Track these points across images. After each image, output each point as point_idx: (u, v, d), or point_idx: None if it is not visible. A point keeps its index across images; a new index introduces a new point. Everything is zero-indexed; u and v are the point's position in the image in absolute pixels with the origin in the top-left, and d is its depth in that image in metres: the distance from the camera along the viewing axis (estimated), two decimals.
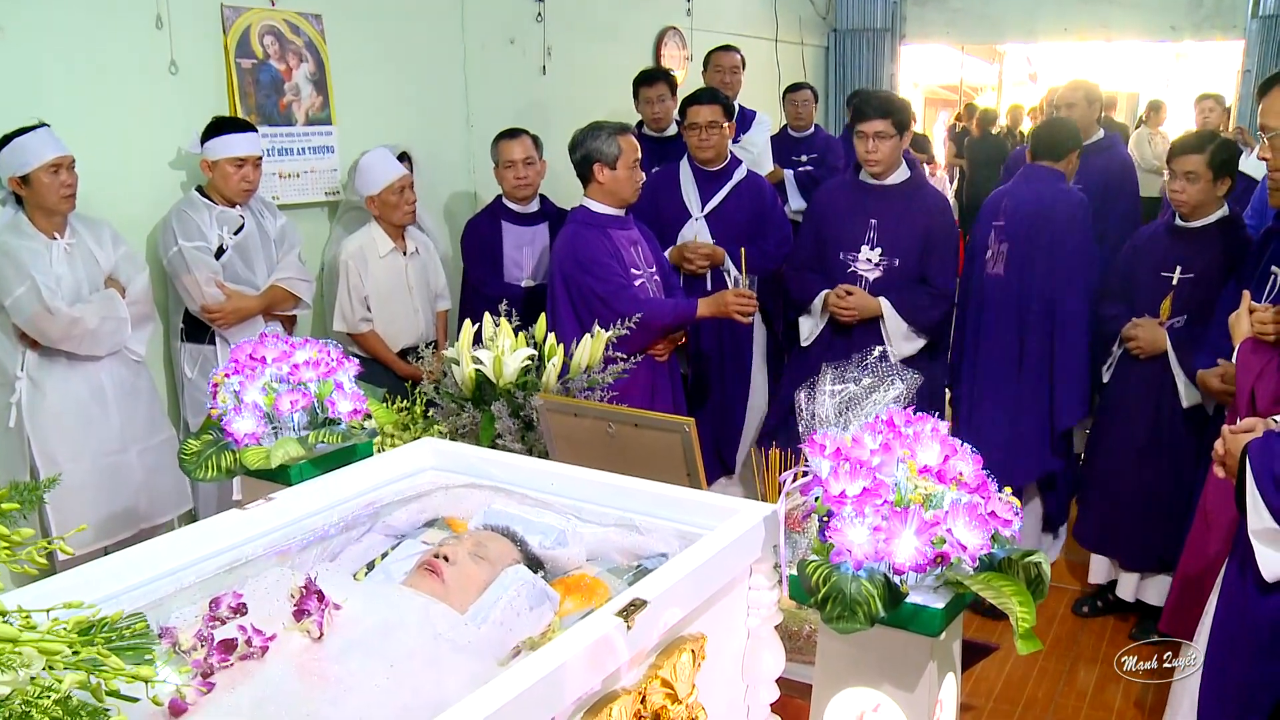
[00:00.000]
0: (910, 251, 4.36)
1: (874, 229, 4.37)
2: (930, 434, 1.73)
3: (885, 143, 4.27)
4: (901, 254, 4.36)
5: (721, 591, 1.80)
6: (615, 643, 1.51)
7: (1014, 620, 1.60)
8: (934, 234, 4.39)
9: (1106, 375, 4.36)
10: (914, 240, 4.36)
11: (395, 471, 2.29)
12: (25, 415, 3.76)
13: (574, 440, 2.70)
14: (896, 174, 4.41)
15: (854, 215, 4.42)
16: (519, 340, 2.98)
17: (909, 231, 4.36)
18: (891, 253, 4.36)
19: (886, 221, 4.37)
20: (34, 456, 3.77)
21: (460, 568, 1.88)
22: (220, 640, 1.59)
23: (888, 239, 4.36)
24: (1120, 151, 6.01)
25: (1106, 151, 5.89)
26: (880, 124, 4.24)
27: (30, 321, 3.65)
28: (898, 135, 4.28)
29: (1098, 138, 5.92)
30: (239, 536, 1.95)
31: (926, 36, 10.66)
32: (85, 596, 1.42)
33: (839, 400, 1.89)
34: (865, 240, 4.39)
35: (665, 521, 2.01)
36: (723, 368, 4.95)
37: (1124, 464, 4.28)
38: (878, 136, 4.26)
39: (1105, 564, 4.51)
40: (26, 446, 3.76)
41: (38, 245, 3.70)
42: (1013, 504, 1.67)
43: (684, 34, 7.95)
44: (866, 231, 4.38)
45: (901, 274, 4.37)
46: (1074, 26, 9.89)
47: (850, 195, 4.50)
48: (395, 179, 4.60)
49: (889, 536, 1.61)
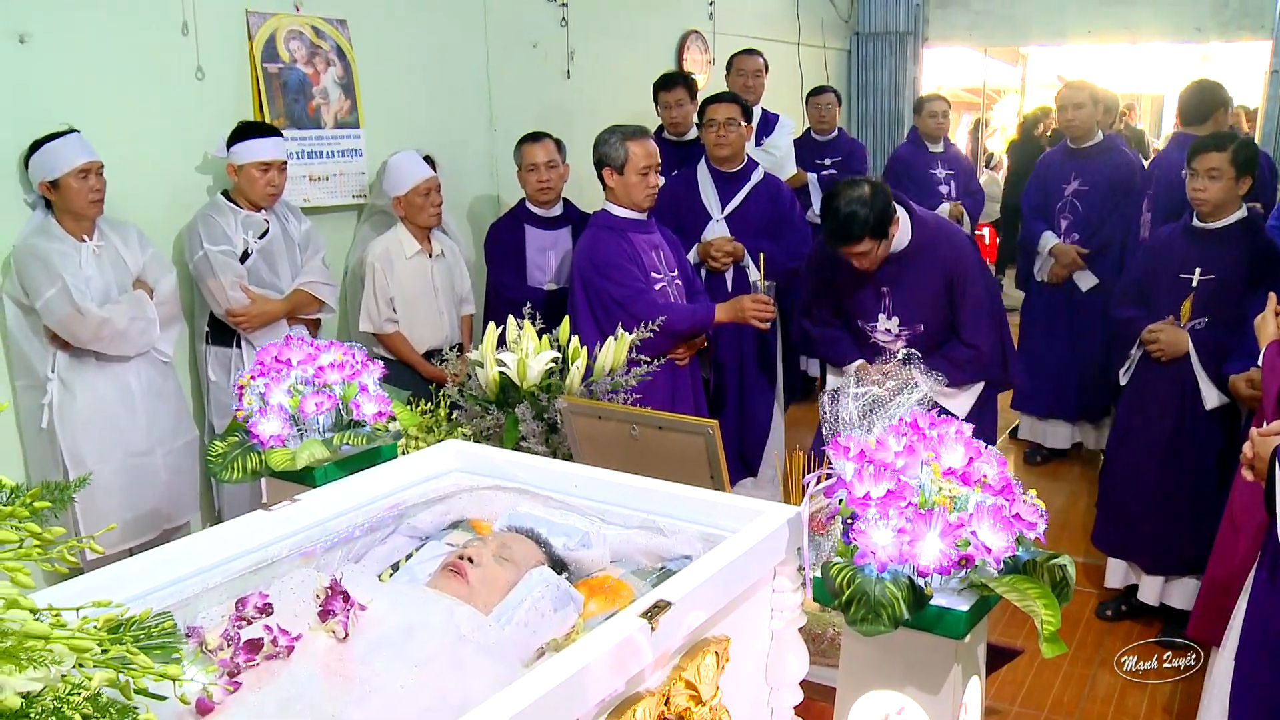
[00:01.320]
0: (932, 316, 3.91)
1: (888, 298, 3.93)
2: (954, 436, 1.72)
3: (876, 252, 3.76)
4: (925, 319, 3.91)
5: (745, 594, 1.81)
6: (639, 645, 1.51)
7: (1039, 623, 1.59)
8: (955, 286, 3.87)
9: (1124, 378, 4.34)
10: (933, 301, 3.90)
11: (420, 473, 2.30)
12: (56, 417, 3.78)
13: (598, 442, 2.70)
14: (898, 241, 3.85)
15: (864, 286, 3.96)
16: (543, 343, 2.98)
17: (928, 294, 3.89)
18: (913, 320, 3.92)
19: (900, 290, 3.92)
20: (64, 457, 3.79)
21: (485, 569, 1.89)
22: (246, 640, 1.60)
23: (904, 308, 3.92)
24: (1122, 152, 5.99)
25: (1109, 153, 5.91)
26: (862, 246, 3.71)
27: (61, 323, 3.68)
28: (879, 241, 3.71)
29: (1098, 140, 5.94)
30: (265, 537, 1.97)
31: (949, 39, 10.60)
32: (113, 596, 1.44)
33: (863, 403, 1.89)
34: (881, 310, 3.95)
35: (689, 524, 2.02)
36: (745, 369, 4.95)
37: (1145, 468, 4.25)
38: (863, 257, 3.76)
39: (1122, 568, 4.48)
40: (58, 447, 3.79)
41: (67, 248, 3.73)
42: (1038, 506, 1.67)
43: (706, 38, 7.95)
44: (881, 301, 3.94)
45: (928, 338, 3.92)
46: (1098, 28, 9.81)
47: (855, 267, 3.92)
48: (422, 180, 4.63)
49: (913, 539, 1.61)
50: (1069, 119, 5.92)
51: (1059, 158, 6.12)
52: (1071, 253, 5.86)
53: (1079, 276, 5.91)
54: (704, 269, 4.87)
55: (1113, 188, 5.82)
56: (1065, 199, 5.95)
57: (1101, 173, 5.86)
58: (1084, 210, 5.88)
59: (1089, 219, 5.86)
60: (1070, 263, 5.87)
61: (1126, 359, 4.31)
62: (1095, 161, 5.88)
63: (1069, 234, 5.92)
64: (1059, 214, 5.96)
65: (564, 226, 4.98)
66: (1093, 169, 5.88)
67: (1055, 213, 5.98)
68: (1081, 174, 5.91)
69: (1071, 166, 5.96)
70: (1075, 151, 5.98)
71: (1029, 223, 6.16)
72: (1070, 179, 5.94)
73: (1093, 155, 5.90)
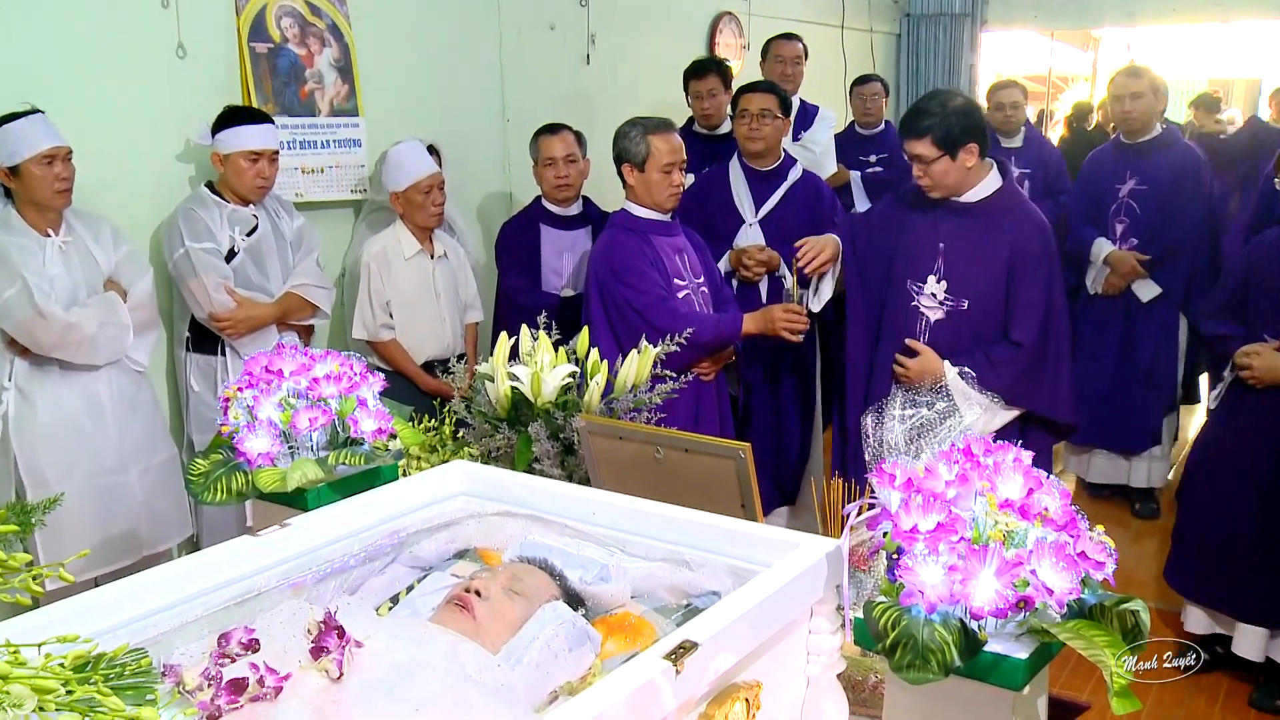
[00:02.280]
0: (985, 294, 3.82)
1: (942, 255, 3.86)
2: (1012, 464, 1.72)
3: (932, 166, 3.77)
4: (972, 295, 3.82)
5: (779, 635, 1.81)
6: (662, 689, 1.51)
7: (1108, 675, 1.59)
8: (1019, 269, 3.79)
9: (1213, 402, 4.29)
10: (990, 278, 3.81)
11: (423, 497, 2.31)
12: (11, 429, 3.76)
13: (618, 465, 2.71)
14: (976, 190, 3.84)
15: (922, 232, 3.90)
16: (559, 355, 2.99)
17: (985, 266, 3.81)
18: (960, 291, 3.84)
19: (957, 249, 3.85)
20: (20, 475, 3.77)
21: (493, 604, 1.89)
22: (229, 680, 1.61)
23: (956, 273, 3.84)
24: (1186, 145, 5.94)
25: (1170, 148, 5.83)
26: (921, 146, 3.74)
27: (21, 327, 3.66)
28: (946, 155, 3.73)
29: (1158, 133, 5.85)
30: (250, 566, 1.97)
31: (1011, 22, 10.56)
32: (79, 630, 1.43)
33: (909, 426, 1.89)
34: (933, 270, 3.87)
35: (718, 556, 2.02)
36: (780, 386, 4.95)
37: (1239, 505, 4.18)
38: (919, 160, 3.78)
39: (1204, 613, 4.42)
40: (12, 464, 3.77)
41: (29, 243, 3.71)
42: (1106, 544, 1.67)
43: (740, 20, 7.98)
44: (935, 260, 3.87)
45: (970, 322, 3.83)
46: (1183, 6, 9.67)
47: (920, 206, 3.95)
48: (424, 177, 4.64)
49: (966, 577, 1.61)
50: (1126, 110, 5.83)
51: (1110, 155, 6.05)
52: (1130, 260, 5.79)
53: (1139, 286, 5.85)
54: (735, 279, 4.87)
55: (1178, 186, 5.73)
56: (1120, 200, 5.87)
57: (1163, 169, 5.78)
58: (1142, 212, 5.80)
59: (1149, 221, 5.78)
60: (1129, 271, 5.82)
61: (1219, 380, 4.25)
62: (1154, 157, 5.82)
63: (1125, 239, 5.86)
64: (1113, 218, 5.89)
65: (583, 227, 5.00)
66: (1152, 165, 5.81)
67: (1109, 217, 5.90)
68: (1138, 171, 5.83)
69: (1126, 164, 5.88)
70: (1130, 147, 5.91)
71: (1076, 229, 6.06)
72: (1125, 178, 5.86)
73: (1151, 150, 5.85)
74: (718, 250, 4.76)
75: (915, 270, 3.92)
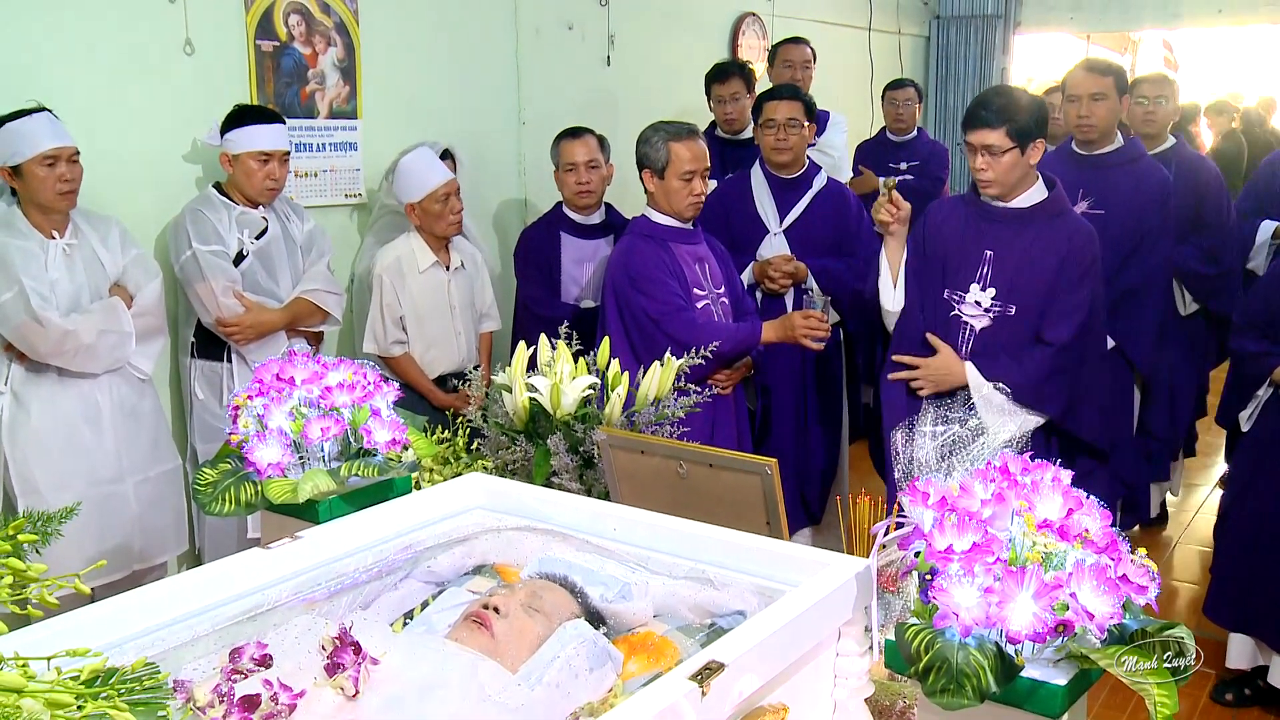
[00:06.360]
0: (1029, 302, 3.84)
1: (988, 264, 3.88)
2: (1051, 484, 1.73)
3: (1001, 158, 3.77)
4: (1020, 300, 3.84)
5: (806, 656, 1.81)
6: (686, 712, 1.52)
7: (1150, 705, 1.58)
8: (1066, 273, 3.82)
9: (1247, 424, 4.26)
10: (1037, 283, 3.83)
11: (438, 510, 2.32)
12: (4, 435, 3.76)
13: (639, 480, 2.72)
14: (1025, 195, 3.88)
15: (966, 242, 3.93)
16: (579, 367, 3.00)
17: (1034, 272, 3.83)
18: (1008, 297, 3.85)
19: (1005, 256, 3.86)
20: (11, 483, 3.76)
21: (512, 621, 1.90)
22: (241, 696, 1.61)
23: (1004, 279, 3.85)
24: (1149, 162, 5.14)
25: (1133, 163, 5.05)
26: (993, 136, 3.74)
27: (16, 333, 3.67)
28: (1017, 147, 3.75)
29: (1171, 144, 5.43)
30: (261, 580, 1.98)
31: (1046, 24, 10.49)
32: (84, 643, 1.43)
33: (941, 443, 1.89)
34: (977, 278, 3.90)
35: (743, 575, 2.02)
36: (805, 399, 4.95)
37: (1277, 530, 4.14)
38: (988, 151, 3.78)
39: (1249, 645, 4.37)
40: (4, 471, 3.77)
41: (31, 245, 3.72)
42: (1148, 567, 1.67)
43: (765, 21, 7.99)
44: (980, 267, 3.89)
45: (1016, 327, 3.86)
46: (1230, 7, 9.49)
47: (965, 216, 3.98)
48: (440, 185, 4.59)
49: (1002, 600, 1.61)
50: (1082, 115, 4.99)
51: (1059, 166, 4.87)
52: None
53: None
54: (759, 291, 4.87)
55: (1138, 212, 4.94)
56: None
57: (1121, 190, 4.95)
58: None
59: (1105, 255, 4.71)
60: None
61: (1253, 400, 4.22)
62: (1113, 173, 5.01)
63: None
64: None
65: (604, 235, 5.00)
66: (1109, 183, 4.97)
67: None
68: (1092, 190, 4.97)
69: (1079, 179, 4.96)
70: (1085, 159, 5.09)
71: None
72: (1076, 197, 4.87)
73: (1109, 165, 5.05)
74: (741, 260, 4.76)
75: (957, 280, 3.94)
